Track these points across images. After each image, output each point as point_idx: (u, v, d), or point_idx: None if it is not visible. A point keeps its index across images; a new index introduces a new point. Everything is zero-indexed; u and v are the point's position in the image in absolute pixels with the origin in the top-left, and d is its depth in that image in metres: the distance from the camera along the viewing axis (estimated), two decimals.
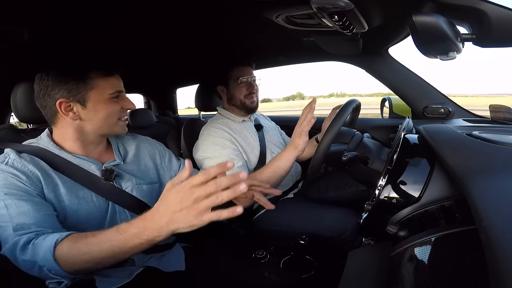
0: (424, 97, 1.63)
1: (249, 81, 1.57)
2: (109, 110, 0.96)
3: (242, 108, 1.59)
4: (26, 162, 0.87)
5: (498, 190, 0.49)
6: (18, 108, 1.05)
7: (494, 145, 0.68)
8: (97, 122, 0.96)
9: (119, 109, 0.98)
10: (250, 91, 1.56)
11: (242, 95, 1.56)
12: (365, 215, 0.86)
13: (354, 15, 0.94)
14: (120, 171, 1.04)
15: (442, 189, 0.72)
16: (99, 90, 0.93)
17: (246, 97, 1.56)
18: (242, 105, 1.58)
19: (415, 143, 0.88)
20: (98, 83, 0.93)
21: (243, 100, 1.57)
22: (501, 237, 0.37)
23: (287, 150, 1.23)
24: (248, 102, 1.57)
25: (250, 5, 1.00)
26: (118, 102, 0.98)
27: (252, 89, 1.57)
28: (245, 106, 1.58)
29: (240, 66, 1.58)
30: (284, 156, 1.24)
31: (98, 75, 0.94)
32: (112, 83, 0.96)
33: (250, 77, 1.57)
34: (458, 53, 0.91)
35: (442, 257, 0.54)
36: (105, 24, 1.12)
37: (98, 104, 0.94)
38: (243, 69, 1.57)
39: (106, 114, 0.95)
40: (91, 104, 0.94)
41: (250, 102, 1.57)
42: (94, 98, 0.93)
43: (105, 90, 0.94)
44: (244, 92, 1.56)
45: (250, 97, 1.57)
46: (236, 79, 1.55)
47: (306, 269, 1.24)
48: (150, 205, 1.06)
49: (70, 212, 0.91)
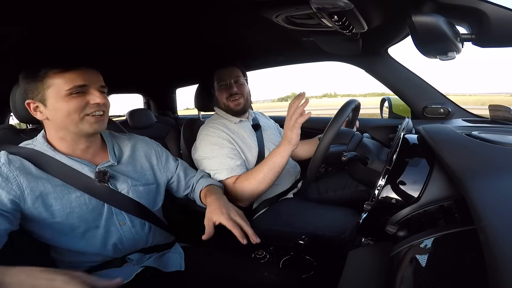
0: (424, 97, 1.63)
1: (228, 83, 1.54)
2: (68, 107, 0.90)
3: (228, 111, 1.57)
4: (13, 167, 0.88)
5: (497, 190, 0.49)
6: (17, 108, 1.05)
7: (493, 145, 0.68)
8: (60, 121, 0.93)
9: (82, 105, 0.91)
10: (230, 93, 1.53)
11: (224, 98, 1.54)
12: (365, 215, 0.86)
13: (354, 15, 0.94)
14: (115, 172, 1.03)
15: (441, 189, 0.72)
16: (55, 87, 0.90)
17: (228, 100, 1.54)
18: (227, 108, 1.56)
19: (414, 143, 0.88)
20: (54, 81, 0.90)
21: (227, 103, 1.55)
22: (500, 238, 0.37)
23: (281, 146, 1.23)
24: (232, 105, 1.54)
25: (249, 5, 1.00)
26: (82, 98, 0.92)
27: (232, 91, 1.53)
28: (229, 109, 1.56)
29: (219, 69, 1.56)
30: (279, 152, 1.24)
31: (53, 73, 0.90)
32: (69, 78, 0.90)
33: (230, 79, 1.54)
34: (457, 53, 0.91)
35: (442, 257, 0.54)
36: (103, 24, 1.12)
37: (57, 102, 0.91)
38: (221, 72, 1.56)
39: (66, 111, 0.91)
40: (50, 102, 0.91)
41: (234, 105, 1.54)
42: (52, 96, 0.91)
43: (61, 86, 0.90)
44: (224, 95, 1.54)
45: (232, 99, 1.54)
46: (217, 83, 1.55)
47: (306, 269, 1.24)
48: (147, 206, 1.06)
49: (61, 216, 0.91)
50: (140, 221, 1.04)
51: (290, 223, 1.39)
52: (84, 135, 0.96)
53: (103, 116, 0.96)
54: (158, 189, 1.15)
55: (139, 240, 1.03)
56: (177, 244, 1.12)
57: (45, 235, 0.93)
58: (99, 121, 0.95)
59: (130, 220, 1.01)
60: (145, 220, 1.05)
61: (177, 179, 1.24)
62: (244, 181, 1.30)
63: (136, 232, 1.02)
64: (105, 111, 0.97)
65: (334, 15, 0.92)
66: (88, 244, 0.96)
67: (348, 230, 1.28)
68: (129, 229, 1.01)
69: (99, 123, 0.95)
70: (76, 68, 0.92)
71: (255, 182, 1.28)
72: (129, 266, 0.99)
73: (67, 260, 0.98)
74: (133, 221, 1.02)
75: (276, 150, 1.25)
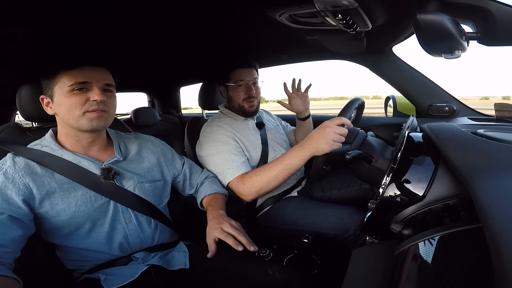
0: (429, 96, 1.63)
1: (248, 84, 1.53)
2: (69, 103, 0.92)
3: (240, 111, 1.56)
4: (19, 169, 0.90)
5: (503, 188, 0.48)
6: (24, 106, 1.06)
7: (499, 144, 0.68)
8: (63, 116, 0.95)
9: (82, 101, 0.93)
10: (249, 95, 1.53)
11: (240, 99, 1.54)
12: (369, 214, 0.86)
13: (358, 14, 0.93)
14: (122, 169, 1.04)
15: (446, 188, 0.72)
16: (61, 83, 0.93)
17: (244, 101, 1.53)
18: (240, 109, 1.56)
19: (419, 141, 0.88)
20: (61, 77, 0.93)
21: (242, 104, 1.54)
22: (507, 236, 0.37)
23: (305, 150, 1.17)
24: (246, 106, 1.54)
25: (253, 3, 1.00)
26: (83, 94, 0.93)
27: (251, 93, 1.53)
28: (243, 109, 1.55)
29: (239, 68, 1.54)
30: (299, 155, 1.18)
31: (62, 70, 0.93)
32: (73, 75, 0.93)
33: (250, 80, 1.53)
34: (462, 51, 0.91)
35: (447, 255, 0.54)
36: (109, 24, 1.13)
37: (60, 98, 0.94)
38: (242, 72, 1.53)
39: (67, 106, 0.93)
40: (56, 98, 0.95)
41: (249, 106, 1.54)
42: (58, 91, 0.94)
43: (65, 83, 0.93)
44: (242, 96, 1.53)
45: (248, 101, 1.53)
46: (235, 82, 1.53)
47: (310, 267, 1.24)
48: (153, 203, 1.07)
49: (67, 214, 0.92)
50: (146, 218, 1.05)
51: (294, 221, 1.39)
52: (85, 131, 0.97)
53: (104, 113, 0.96)
54: (164, 185, 1.16)
55: (144, 238, 1.04)
56: (181, 242, 1.12)
57: (51, 233, 0.94)
58: (98, 117, 0.95)
59: (136, 217, 1.02)
60: (151, 217, 1.06)
61: (183, 178, 1.25)
62: (254, 176, 1.27)
63: (142, 230, 1.03)
64: (106, 110, 0.97)
65: (338, 14, 0.92)
66: (94, 242, 0.97)
67: (352, 229, 1.28)
68: (134, 227, 1.02)
69: (98, 120, 0.95)
70: (81, 66, 0.93)
71: (266, 179, 1.24)
72: (134, 264, 1.00)
73: (73, 259, 0.99)
74: (138, 218, 1.03)
75: (297, 152, 1.19)
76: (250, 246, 0.93)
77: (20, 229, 0.83)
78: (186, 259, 1.03)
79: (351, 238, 1.28)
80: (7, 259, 0.77)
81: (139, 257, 1.01)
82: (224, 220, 1.02)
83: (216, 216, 1.06)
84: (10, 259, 0.79)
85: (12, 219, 0.82)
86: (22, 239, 0.83)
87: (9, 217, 0.82)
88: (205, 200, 1.21)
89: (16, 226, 0.82)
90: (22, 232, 0.83)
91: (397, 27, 1.26)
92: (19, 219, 0.84)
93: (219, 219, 1.03)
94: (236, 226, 1.00)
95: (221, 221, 1.02)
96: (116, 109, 1.03)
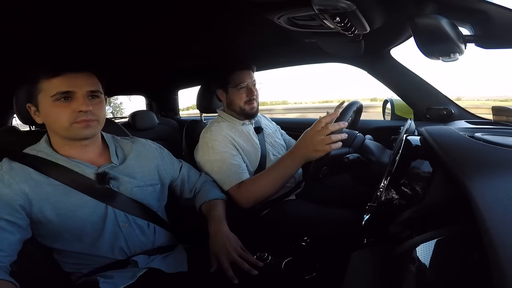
0: (427, 99, 1.62)
1: (249, 86, 1.53)
2: (55, 114, 0.90)
3: (242, 114, 1.56)
4: (15, 174, 0.89)
5: (501, 192, 0.48)
6: (20, 110, 1.06)
7: (496, 147, 0.68)
8: (51, 126, 0.94)
9: (68, 112, 0.89)
10: (250, 97, 1.52)
11: (242, 101, 1.53)
12: (367, 217, 0.86)
13: (356, 17, 0.94)
14: (118, 174, 1.02)
15: (444, 191, 0.72)
16: (44, 93, 0.90)
17: (246, 103, 1.53)
18: (241, 111, 1.55)
19: (417, 145, 0.88)
20: (43, 86, 0.90)
21: (243, 107, 1.53)
22: (504, 239, 0.37)
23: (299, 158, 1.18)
24: (248, 109, 1.54)
25: (251, 6, 1.00)
26: (68, 105, 0.89)
27: (252, 95, 1.52)
28: (244, 112, 1.55)
29: (239, 71, 1.53)
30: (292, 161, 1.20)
31: (43, 78, 0.89)
32: (54, 83, 0.88)
33: (250, 82, 1.53)
34: (460, 54, 0.91)
35: (445, 258, 0.54)
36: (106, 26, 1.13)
37: (45, 108, 0.91)
38: (242, 74, 1.53)
39: (53, 117, 0.90)
40: (41, 108, 0.92)
41: (250, 108, 1.54)
42: (42, 101, 0.91)
43: (48, 92, 0.89)
44: (244, 99, 1.52)
45: (250, 103, 1.53)
46: (236, 85, 1.52)
47: (308, 270, 1.24)
48: (151, 207, 1.06)
49: (63, 219, 0.91)
50: (144, 222, 1.04)
51: (292, 224, 1.39)
52: (76, 140, 0.96)
53: (92, 122, 0.94)
54: (162, 189, 1.15)
55: (142, 242, 1.03)
56: (180, 245, 1.12)
57: (47, 238, 0.94)
58: (88, 126, 0.93)
59: (133, 221, 1.01)
60: (149, 220, 1.05)
61: (181, 182, 1.24)
62: (250, 186, 1.28)
63: (140, 234, 1.03)
64: (94, 118, 0.94)
65: (336, 17, 0.92)
66: (91, 246, 0.96)
67: (350, 232, 1.28)
68: (132, 231, 1.01)
69: (87, 129, 0.93)
70: (62, 73, 0.89)
71: (263, 188, 1.26)
72: (133, 267, 0.99)
73: (71, 262, 0.98)
74: (136, 222, 1.02)
75: (287, 162, 1.21)
76: (251, 272, 0.94)
77: (17, 233, 0.83)
78: (184, 262, 1.02)
79: (350, 241, 1.27)
80: (4, 263, 0.78)
81: (137, 260, 1.01)
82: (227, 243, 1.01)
83: (218, 233, 1.04)
84: (7, 262, 0.79)
85: (9, 223, 0.82)
86: (18, 243, 0.83)
87: (5, 221, 0.82)
88: (204, 206, 1.20)
89: (13, 230, 0.82)
90: (19, 236, 0.83)
91: (395, 30, 1.27)
92: (16, 224, 0.83)
93: (223, 240, 1.01)
94: (237, 250, 1.00)
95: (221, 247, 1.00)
96: (105, 114, 1.01)
